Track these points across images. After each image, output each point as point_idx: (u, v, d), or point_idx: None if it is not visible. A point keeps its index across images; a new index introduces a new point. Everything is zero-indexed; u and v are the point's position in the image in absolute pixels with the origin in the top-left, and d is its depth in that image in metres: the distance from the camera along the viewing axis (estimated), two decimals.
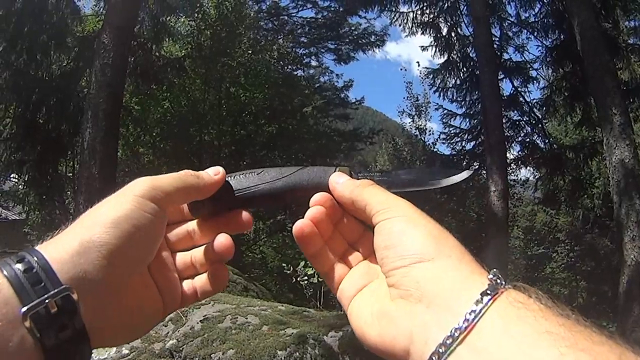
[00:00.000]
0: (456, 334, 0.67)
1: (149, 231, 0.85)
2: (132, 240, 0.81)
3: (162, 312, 0.95)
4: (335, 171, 1.00)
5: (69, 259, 0.75)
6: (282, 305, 6.81)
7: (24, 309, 0.69)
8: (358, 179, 0.98)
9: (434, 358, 0.69)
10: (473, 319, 0.67)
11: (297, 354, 5.07)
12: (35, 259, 0.74)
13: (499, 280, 0.72)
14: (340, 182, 0.97)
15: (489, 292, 0.70)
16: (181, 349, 5.24)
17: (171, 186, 0.90)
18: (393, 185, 1.01)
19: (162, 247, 0.97)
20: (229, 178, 1.01)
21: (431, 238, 0.80)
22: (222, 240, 0.96)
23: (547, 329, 0.63)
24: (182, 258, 1.01)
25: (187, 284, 1.00)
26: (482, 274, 0.75)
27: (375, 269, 0.93)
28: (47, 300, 0.70)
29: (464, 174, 1.10)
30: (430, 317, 0.72)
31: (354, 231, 1.00)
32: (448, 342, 0.68)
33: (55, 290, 0.71)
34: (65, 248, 0.77)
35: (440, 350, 0.68)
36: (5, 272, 0.72)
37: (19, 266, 0.73)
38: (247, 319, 5.66)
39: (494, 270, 0.75)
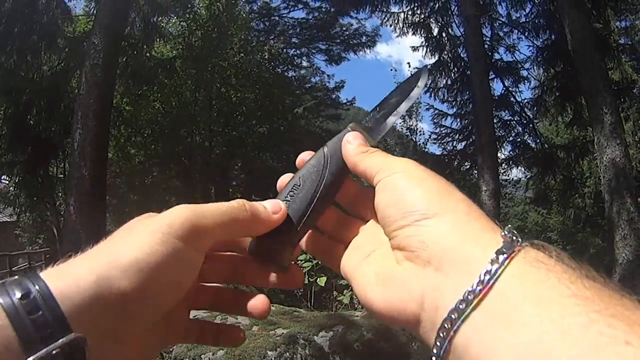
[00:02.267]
0: (470, 298, 0.60)
1: (179, 279, 0.74)
2: (157, 290, 0.70)
3: (162, 346, 0.84)
4: (350, 128, 0.95)
5: (81, 299, 0.63)
6: (273, 306, 6.76)
7: None
8: (368, 127, 0.96)
9: (446, 325, 0.61)
10: (488, 281, 0.59)
11: (288, 354, 5.05)
12: (38, 289, 0.62)
13: (514, 237, 0.64)
14: (349, 146, 0.89)
15: (504, 250, 0.61)
16: (171, 349, 5.21)
17: (216, 224, 0.76)
18: (393, 112, 0.99)
19: None
20: (285, 204, 0.88)
21: (434, 192, 0.73)
22: (259, 302, 0.84)
23: (573, 292, 0.55)
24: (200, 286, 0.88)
25: (195, 322, 0.88)
26: (494, 230, 0.68)
27: (378, 235, 0.82)
28: (54, 352, 0.59)
29: (423, 74, 1.04)
30: (441, 279, 0.65)
31: (349, 191, 0.94)
32: (461, 307, 0.60)
33: (65, 341, 0.60)
34: (78, 285, 0.64)
35: (453, 316, 0.60)
36: (4, 306, 0.60)
37: (21, 301, 0.61)
38: (237, 319, 5.62)
39: (508, 226, 0.67)
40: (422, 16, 25.20)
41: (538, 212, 34.89)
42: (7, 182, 22.55)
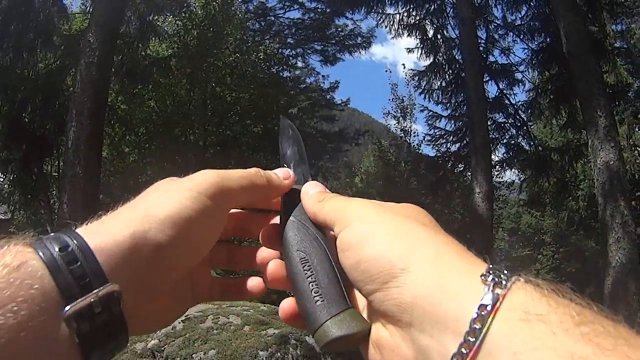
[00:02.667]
0: None
1: (207, 234, 0.79)
2: (188, 243, 0.74)
3: (189, 303, 0.88)
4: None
5: (118, 252, 0.67)
6: (264, 306, 6.79)
7: (68, 309, 0.61)
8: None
9: None
10: (474, 343, 0.54)
11: (279, 354, 5.05)
12: (77, 244, 0.65)
13: (496, 279, 0.57)
14: (307, 198, 0.87)
15: (485, 302, 0.55)
16: (163, 348, 5.21)
17: (239, 186, 0.82)
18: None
19: None
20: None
21: (394, 240, 0.67)
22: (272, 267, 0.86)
23: (571, 350, 0.49)
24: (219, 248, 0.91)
25: (216, 280, 0.94)
26: (472, 272, 0.60)
27: None
28: (92, 300, 0.62)
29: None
30: (428, 341, 0.60)
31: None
32: None
33: (102, 291, 0.63)
34: (113, 238, 0.68)
35: None
36: (44, 258, 0.62)
37: (60, 253, 0.64)
38: (228, 319, 5.63)
39: (489, 266, 0.61)
40: (418, 18, 25.22)
41: (532, 214, 34.91)
42: (2, 179, 22.42)
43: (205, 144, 23.96)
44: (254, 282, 0.90)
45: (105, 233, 0.68)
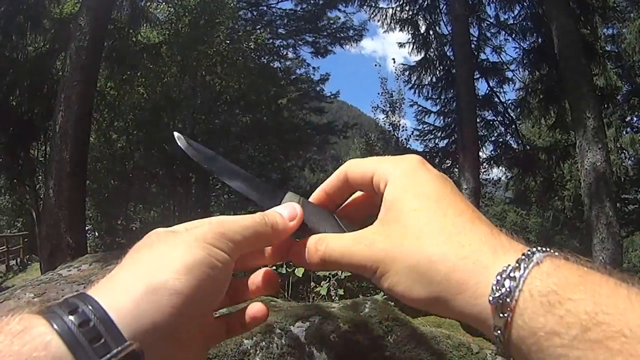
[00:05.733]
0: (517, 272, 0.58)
1: (219, 281, 0.75)
2: (203, 290, 0.71)
3: (207, 349, 0.86)
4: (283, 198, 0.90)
5: (134, 307, 0.63)
6: None
7: None
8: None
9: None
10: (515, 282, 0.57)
11: (264, 343, 5.04)
12: (91, 308, 0.61)
13: (536, 249, 0.61)
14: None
15: (532, 251, 0.60)
16: None
17: (241, 236, 0.78)
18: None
19: None
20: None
21: (426, 281, 0.67)
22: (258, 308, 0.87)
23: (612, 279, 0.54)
24: None
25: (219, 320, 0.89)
26: (517, 251, 0.62)
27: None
28: None
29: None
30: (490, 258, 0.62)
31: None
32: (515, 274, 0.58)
33: (119, 349, 0.59)
34: (128, 294, 0.65)
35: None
36: (55, 326, 0.58)
37: (72, 318, 0.59)
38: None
39: (533, 245, 0.63)
40: (410, 13, 25.26)
41: (517, 212, 35.14)
42: None
43: (193, 132, 23.86)
44: (255, 308, 0.87)
45: (120, 290, 0.66)
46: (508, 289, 0.57)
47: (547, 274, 0.57)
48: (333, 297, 8.56)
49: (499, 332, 0.58)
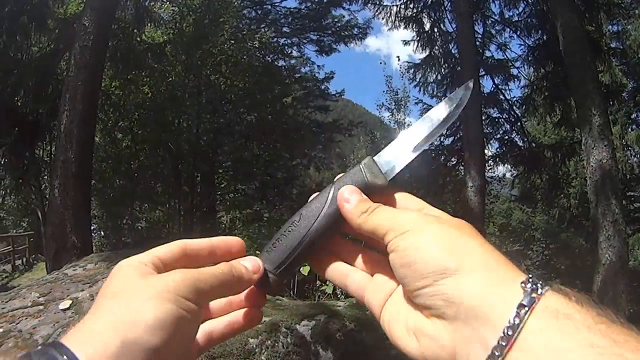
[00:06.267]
0: (497, 353, 0.64)
1: (189, 332, 0.79)
2: (174, 343, 0.74)
3: None
4: (363, 169, 0.91)
5: None
6: None
7: None
8: (384, 162, 0.93)
9: None
10: (511, 335, 0.63)
11: (269, 342, 5.04)
12: (66, 359, 0.64)
13: (534, 286, 0.67)
14: (348, 205, 0.88)
15: (524, 303, 0.65)
16: None
17: (210, 287, 0.82)
18: (413, 147, 0.95)
19: None
20: (266, 254, 0.93)
21: (448, 247, 0.74)
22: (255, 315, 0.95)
23: (592, 342, 0.59)
24: None
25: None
26: (513, 280, 0.70)
27: None
28: None
29: (461, 92, 0.99)
30: (470, 332, 0.68)
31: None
32: None
33: None
34: (104, 348, 0.66)
35: None
36: None
37: None
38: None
39: (529, 275, 0.70)
40: (415, 10, 25.25)
41: (523, 210, 35.06)
42: None
43: (198, 131, 23.89)
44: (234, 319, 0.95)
45: (95, 342, 0.67)
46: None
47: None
48: (339, 296, 8.58)
49: None
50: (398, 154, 0.94)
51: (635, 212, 26.94)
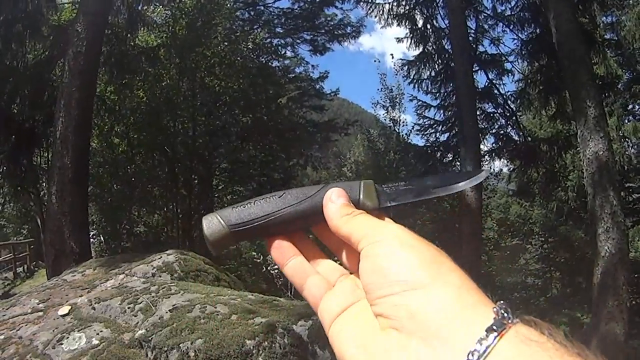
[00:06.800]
0: None
1: None
2: None
3: None
4: (360, 187, 0.91)
5: None
6: (252, 295, 6.78)
7: None
8: (382, 190, 0.93)
9: None
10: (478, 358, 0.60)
11: (266, 342, 5.04)
12: None
13: (505, 314, 0.64)
14: (332, 206, 0.88)
15: (494, 327, 0.62)
16: (150, 338, 5.20)
17: None
18: (418, 193, 0.95)
19: None
20: (231, 209, 0.93)
21: (424, 262, 0.72)
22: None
23: None
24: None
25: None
26: (485, 305, 0.67)
27: (358, 290, 0.84)
28: None
29: (483, 174, 1.04)
30: (427, 354, 0.64)
31: (339, 238, 0.88)
32: None
33: None
34: None
35: None
36: None
37: None
38: (216, 308, 5.62)
39: (500, 302, 0.67)
40: (407, 7, 25.28)
41: (520, 204, 35.05)
42: None
43: (194, 133, 23.90)
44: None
45: None
46: None
47: None
48: None
49: None
50: (400, 192, 0.94)
51: (635, 204, 26.94)
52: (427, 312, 0.66)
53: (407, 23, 25.31)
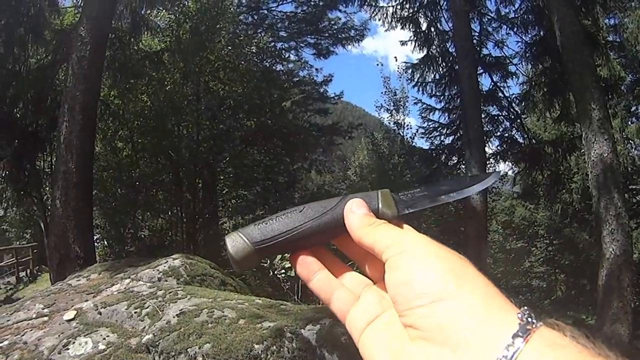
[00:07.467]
0: None
1: None
2: None
3: None
4: (378, 196, 0.93)
5: None
6: (259, 299, 6.77)
7: None
8: (400, 198, 0.94)
9: None
10: None
11: (274, 347, 5.03)
12: None
13: (529, 319, 0.66)
14: (353, 217, 0.89)
15: (520, 333, 0.63)
16: (157, 343, 5.19)
17: None
18: (433, 198, 0.97)
19: None
20: (253, 226, 0.94)
21: (450, 273, 0.73)
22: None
23: None
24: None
25: None
26: (509, 311, 0.68)
27: (385, 299, 0.85)
28: None
29: (495, 177, 1.06)
30: None
31: (361, 248, 0.89)
32: None
33: None
34: None
35: None
36: None
37: None
38: (223, 312, 5.60)
39: (524, 308, 0.68)
40: (411, 10, 25.28)
41: (525, 207, 35.02)
42: None
43: (198, 137, 23.88)
44: None
45: None
46: None
47: None
48: None
49: None
50: (417, 199, 0.95)
51: (639, 205, 26.94)
52: (455, 322, 0.67)
53: (411, 26, 25.31)
